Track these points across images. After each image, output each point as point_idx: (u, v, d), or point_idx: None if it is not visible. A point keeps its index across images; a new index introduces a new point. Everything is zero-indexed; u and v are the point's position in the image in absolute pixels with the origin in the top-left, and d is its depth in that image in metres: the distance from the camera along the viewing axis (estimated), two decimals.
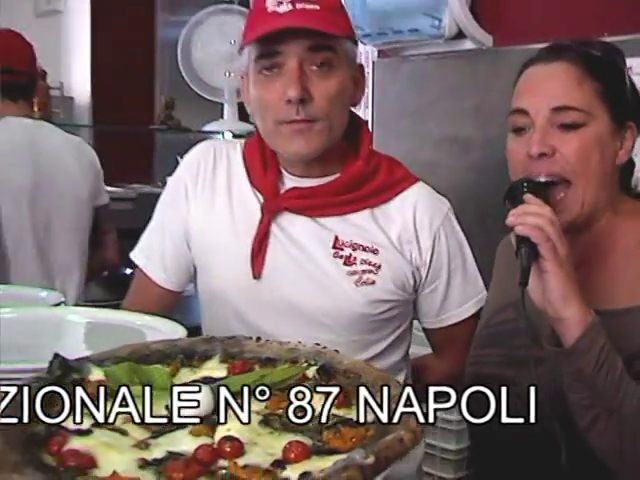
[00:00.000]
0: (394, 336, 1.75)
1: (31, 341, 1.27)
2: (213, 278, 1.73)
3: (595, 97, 1.46)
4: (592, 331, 1.32)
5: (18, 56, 3.07)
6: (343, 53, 1.64)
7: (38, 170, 2.95)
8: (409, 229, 1.71)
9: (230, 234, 1.72)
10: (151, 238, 1.82)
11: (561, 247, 1.33)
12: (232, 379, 0.99)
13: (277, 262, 1.68)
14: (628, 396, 1.32)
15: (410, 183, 1.75)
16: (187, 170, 1.79)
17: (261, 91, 1.64)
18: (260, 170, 1.73)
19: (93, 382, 0.98)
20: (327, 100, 1.60)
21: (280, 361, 1.05)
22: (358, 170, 1.71)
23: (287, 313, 1.66)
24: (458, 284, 1.77)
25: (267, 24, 1.58)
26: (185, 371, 1.05)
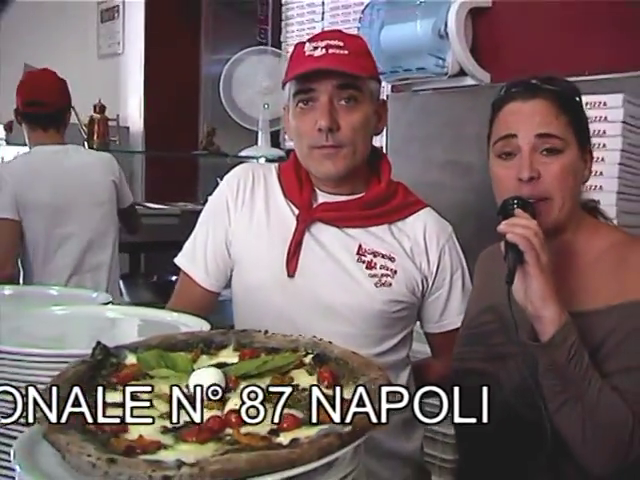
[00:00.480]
0: (403, 334, 1.80)
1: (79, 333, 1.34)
2: (252, 277, 1.78)
3: (568, 128, 1.50)
4: (565, 329, 1.36)
5: (48, 90, 3.22)
6: (367, 91, 1.72)
7: (57, 187, 3.08)
8: (420, 243, 1.78)
9: (267, 239, 1.78)
10: (195, 245, 1.87)
11: (543, 255, 1.38)
12: (241, 364, 1.05)
13: (309, 264, 1.74)
14: (591, 386, 1.36)
15: (422, 207, 1.83)
16: (228, 186, 1.86)
17: (298, 121, 1.73)
18: (296, 187, 1.80)
19: (128, 365, 1.05)
20: (352, 130, 1.69)
21: (283, 350, 1.10)
22: (380, 191, 1.79)
23: (316, 307, 1.71)
24: (458, 294, 1.83)
25: (304, 65, 1.68)
26: (204, 358, 1.10)
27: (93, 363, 1.03)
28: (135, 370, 1.03)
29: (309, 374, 1.03)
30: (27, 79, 3.33)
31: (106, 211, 3.24)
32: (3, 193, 3.06)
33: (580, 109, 1.57)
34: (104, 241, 3.22)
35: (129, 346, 1.09)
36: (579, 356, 1.36)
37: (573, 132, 1.51)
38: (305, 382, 1.01)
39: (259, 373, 1.03)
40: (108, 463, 0.78)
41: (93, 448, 0.80)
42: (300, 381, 1.02)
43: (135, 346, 1.09)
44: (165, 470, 0.77)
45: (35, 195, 3.07)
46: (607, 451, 1.37)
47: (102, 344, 1.06)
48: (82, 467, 0.80)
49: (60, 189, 3.12)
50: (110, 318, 1.45)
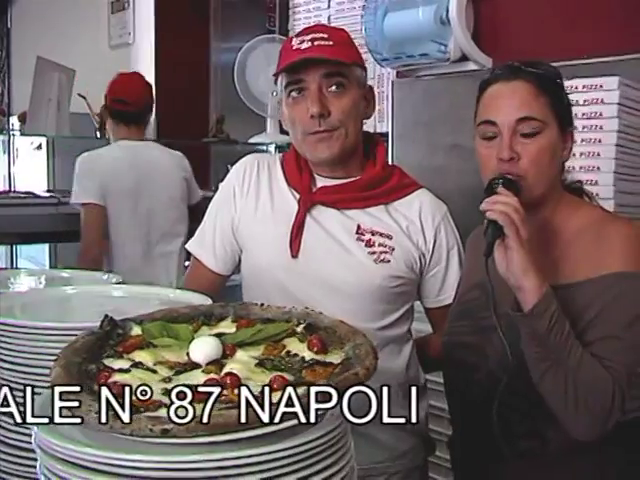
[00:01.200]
0: (403, 310, 1.87)
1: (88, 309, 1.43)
2: (258, 258, 1.87)
3: (547, 109, 1.56)
4: (546, 299, 1.43)
5: (132, 91, 3.57)
6: (353, 77, 1.80)
7: (139, 178, 3.38)
8: (416, 222, 1.85)
9: (272, 223, 1.86)
10: (204, 231, 1.97)
11: (523, 230, 1.44)
12: (238, 333, 1.14)
13: (311, 244, 1.81)
14: (572, 353, 1.43)
15: (417, 187, 1.91)
16: (236, 176, 1.94)
17: (291, 110, 1.81)
18: (296, 173, 1.88)
19: (134, 335, 1.14)
20: (342, 113, 1.77)
21: (277, 320, 1.19)
22: (376, 173, 1.87)
23: (319, 285, 1.78)
24: (454, 270, 1.89)
25: (292, 58, 1.77)
26: (205, 329, 1.19)
27: (101, 334, 1.12)
28: (140, 340, 1.12)
29: (300, 341, 1.12)
30: (117, 79, 3.66)
31: (177, 204, 3.51)
32: (91, 180, 3.38)
33: (561, 91, 1.63)
34: (175, 231, 3.46)
35: (134, 319, 1.18)
36: (560, 325, 1.43)
37: (553, 113, 1.57)
38: (296, 349, 1.10)
39: (254, 341, 1.11)
40: (113, 418, 0.87)
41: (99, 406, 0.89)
42: (292, 347, 1.10)
43: (140, 319, 1.18)
44: (164, 424, 0.86)
45: (119, 184, 3.37)
46: (589, 416, 1.45)
47: (109, 316, 1.15)
48: (90, 423, 0.89)
49: (141, 180, 3.41)
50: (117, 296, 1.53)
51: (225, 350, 1.08)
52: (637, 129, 2.58)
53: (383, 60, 3.56)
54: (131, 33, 5.63)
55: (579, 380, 1.43)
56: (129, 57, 5.56)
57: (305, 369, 1.03)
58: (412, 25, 3.34)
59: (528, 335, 1.46)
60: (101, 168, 3.40)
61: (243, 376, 1.00)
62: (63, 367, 0.99)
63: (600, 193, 2.45)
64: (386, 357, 1.80)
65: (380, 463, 1.84)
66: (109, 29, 5.83)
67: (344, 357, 1.05)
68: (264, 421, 0.87)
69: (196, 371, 1.03)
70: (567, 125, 1.62)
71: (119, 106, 3.54)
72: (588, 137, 2.54)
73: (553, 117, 1.57)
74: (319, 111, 1.75)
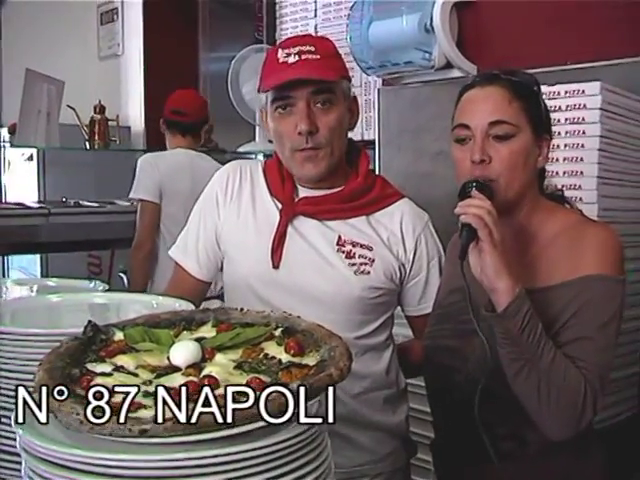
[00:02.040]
0: (382, 319, 1.89)
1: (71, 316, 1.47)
2: (238, 268, 1.88)
3: (521, 114, 1.59)
4: (518, 299, 1.46)
5: (189, 104, 3.94)
6: (340, 91, 1.82)
7: (194, 184, 3.48)
8: (396, 233, 1.87)
9: (254, 233, 1.87)
10: (187, 238, 1.98)
11: (496, 232, 1.48)
12: (217, 336, 1.17)
13: (292, 255, 1.83)
14: (545, 353, 1.46)
15: (398, 198, 1.92)
16: (218, 182, 1.96)
17: (277, 125, 1.81)
18: (279, 183, 1.89)
19: (116, 340, 1.17)
20: (329, 130, 1.78)
21: (256, 324, 1.22)
22: (358, 185, 1.88)
23: (299, 295, 1.80)
24: (435, 279, 1.91)
25: (280, 75, 1.77)
26: (185, 333, 1.21)
27: (84, 339, 1.15)
28: (122, 345, 1.15)
29: (278, 345, 1.15)
30: (176, 93, 4.02)
31: None
32: (149, 179, 3.73)
33: (537, 98, 1.67)
34: None
35: (117, 324, 1.21)
36: (532, 325, 1.46)
37: (527, 119, 1.60)
38: (274, 352, 1.13)
39: (233, 344, 1.15)
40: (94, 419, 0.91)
41: (81, 408, 0.93)
42: (270, 351, 1.13)
43: (122, 324, 1.21)
44: (142, 424, 0.90)
45: (176, 186, 3.70)
46: (561, 415, 1.48)
47: (92, 322, 1.18)
48: (72, 424, 0.92)
49: (195, 185, 3.54)
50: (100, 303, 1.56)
51: (205, 354, 1.11)
52: (619, 134, 2.61)
53: (369, 68, 3.59)
54: (120, 44, 5.67)
55: (551, 380, 1.46)
56: (118, 68, 5.61)
57: (281, 371, 1.06)
58: (397, 33, 3.38)
59: (501, 335, 1.49)
60: (161, 168, 3.71)
61: (221, 378, 1.03)
62: (47, 371, 1.02)
63: (584, 197, 2.49)
64: (365, 363, 1.83)
65: (361, 466, 1.86)
66: (98, 40, 5.87)
67: (319, 359, 1.08)
68: (181, 420, 0.90)
69: (176, 374, 1.06)
70: (543, 131, 1.65)
71: (177, 117, 3.89)
72: (571, 142, 2.57)
73: (527, 122, 1.61)
74: (308, 128, 1.75)
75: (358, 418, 1.85)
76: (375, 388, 1.88)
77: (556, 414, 1.48)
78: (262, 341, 1.16)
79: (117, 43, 5.69)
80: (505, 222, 1.55)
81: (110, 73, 5.59)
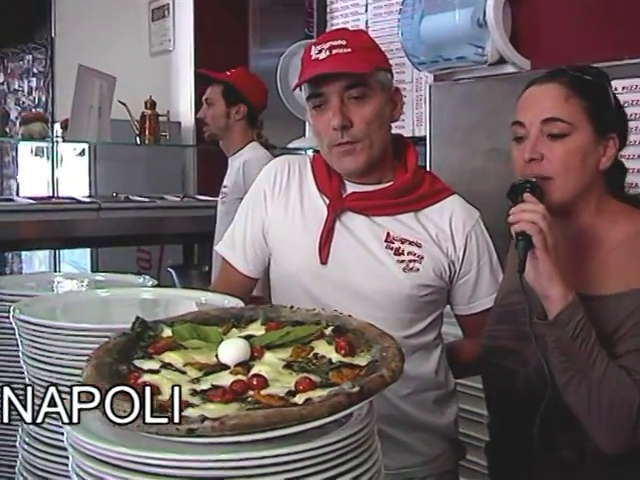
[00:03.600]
0: (432, 317, 1.86)
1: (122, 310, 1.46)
2: (287, 264, 1.88)
3: (580, 112, 1.54)
4: (571, 307, 1.42)
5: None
6: (376, 83, 1.79)
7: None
8: (446, 230, 1.84)
9: (302, 228, 1.86)
10: (234, 233, 1.97)
11: (550, 237, 1.43)
12: (266, 335, 1.15)
13: (340, 251, 1.81)
14: (597, 363, 1.41)
15: (448, 194, 1.89)
16: (266, 178, 1.94)
17: (315, 121, 1.82)
18: (326, 178, 1.88)
19: (164, 337, 1.16)
20: (365, 124, 1.76)
21: (306, 323, 1.20)
22: (407, 180, 1.85)
23: (347, 293, 1.78)
24: (486, 277, 1.88)
25: (311, 70, 1.77)
26: (234, 331, 1.20)
27: (132, 335, 1.14)
28: (170, 341, 1.14)
29: (328, 344, 1.13)
30: (263, 84, 3.92)
31: None
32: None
33: (603, 95, 1.60)
34: None
35: (165, 320, 1.20)
36: (585, 334, 1.42)
37: (587, 117, 1.55)
38: (324, 351, 1.11)
39: (282, 343, 1.13)
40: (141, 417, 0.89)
41: (129, 406, 0.91)
42: (320, 350, 1.11)
43: (171, 320, 1.20)
44: (190, 424, 0.88)
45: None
46: (613, 427, 1.43)
47: (141, 318, 1.17)
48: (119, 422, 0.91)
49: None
50: (149, 299, 1.56)
51: (253, 352, 1.09)
52: None
53: (420, 64, 3.57)
54: (171, 40, 5.72)
55: (603, 391, 1.42)
56: (169, 64, 5.66)
57: (332, 371, 1.04)
58: (449, 28, 3.34)
59: (552, 343, 1.46)
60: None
61: (270, 378, 1.01)
62: (95, 367, 1.02)
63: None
64: (414, 363, 1.81)
65: (410, 468, 1.83)
66: (150, 36, 5.93)
67: (371, 359, 1.06)
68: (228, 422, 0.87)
69: (224, 372, 1.04)
70: (608, 130, 1.58)
71: (260, 111, 3.85)
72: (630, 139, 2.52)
73: (587, 121, 1.55)
74: (340, 124, 1.75)
75: (407, 419, 1.83)
76: (424, 389, 1.85)
77: (608, 426, 1.43)
78: (312, 340, 1.14)
79: (168, 39, 5.74)
80: (562, 225, 1.51)
81: (161, 69, 5.64)
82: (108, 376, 1.00)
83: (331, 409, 0.91)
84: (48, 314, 1.35)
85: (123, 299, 1.55)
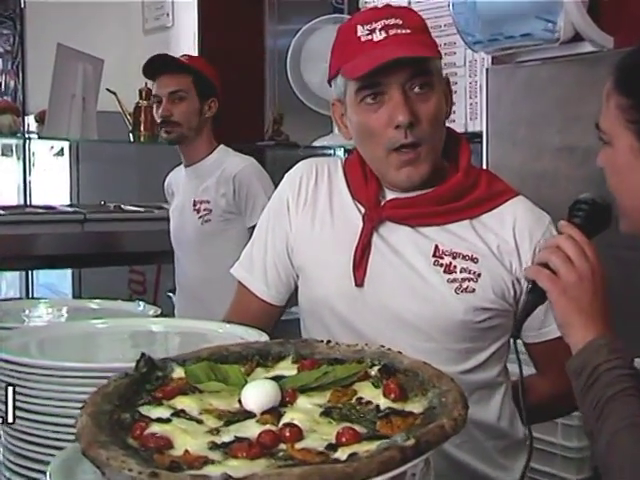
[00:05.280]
0: (494, 347, 1.85)
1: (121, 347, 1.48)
2: (316, 287, 1.88)
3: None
4: (585, 352, 1.40)
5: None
6: (437, 72, 1.81)
7: None
8: (509, 241, 1.83)
9: (332, 244, 1.87)
10: (253, 252, 1.98)
11: (565, 272, 1.43)
12: (299, 375, 1.17)
13: (378, 270, 1.81)
14: (603, 430, 1.35)
15: (510, 196, 1.88)
16: (289, 186, 1.96)
17: (366, 119, 1.78)
18: (361, 183, 1.88)
19: (176, 379, 1.17)
20: (430, 122, 1.76)
21: (347, 361, 1.21)
22: (458, 182, 1.84)
23: (388, 320, 1.79)
24: None
25: (366, 56, 1.74)
26: (260, 370, 1.21)
27: (137, 377, 1.15)
28: (183, 384, 1.15)
29: (374, 387, 1.14)
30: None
31: None
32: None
33: None
34: None
35: (177, 358, 1.22)
36: (600, 387, 1.37)
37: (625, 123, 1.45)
38: (369, 395, 1.12)
39: (319, 385, 1.14)
40: (150, 477, 0.90)
41: (135, 462, 0.92)
42: (364, 394, 1.13)
43: (183, 358, 1.22)
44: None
45: None
46: None
47: (147, 356, 1.18)
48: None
49: None
50: (155, 331, 1.57)
51: (284, 396, 1.10)
52: None
53: (476, 43, 3.56)
54: (170, 14, 5.72)
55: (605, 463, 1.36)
56: (168, 44, 5.63)
57: (380, 420, 1.05)
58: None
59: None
60: None
61: (305, 428, 1.02)
62: (91, 416, 1.03)
63: None
64: (473, 405, 1.79)
65: None
66: (143, 10, 5.94)
67: (427, 406, 1.07)
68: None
69: (249, 421, 1.06)
70: None
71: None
72: None
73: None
74: (408, 120, 1.73)
75: (463, 471, 1.82)
76: (484, 436, 1.84)
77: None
78: (355, 382, 1.16)
79: (166, 13, 5.75)
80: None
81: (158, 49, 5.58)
82: (108, 426, 1.02)
83: (381, 466, 0.92)
84: (22, 350, 1.36)
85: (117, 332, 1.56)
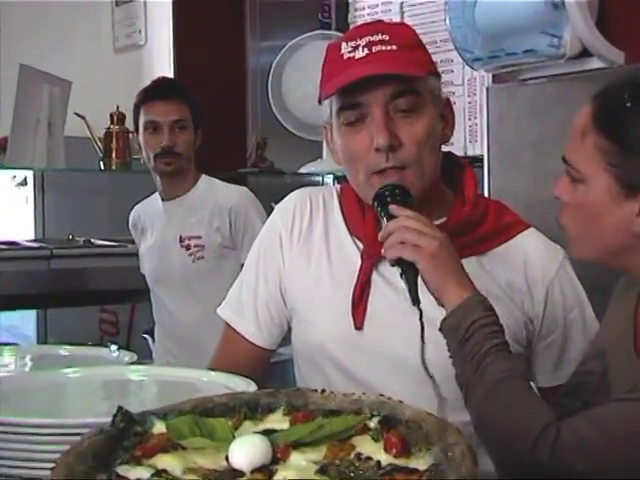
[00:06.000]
0: None
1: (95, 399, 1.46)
2: (312, 330, 1.88)
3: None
4: (462, 309, 1.56)
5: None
6: (427, 92, 1.80)
7: None
8: (520, 278, 1.85)
9: (329, 284, 1.88)
10: (242, 291, 1.98)
11: (425, 242, 1.58)
12: (292, 429, 1.16)
13: (379, 311, 1.82)
14: (481, 381, 1.51)
15: (521, 229, 1.90)
16: (282, 219, 1.96)
17: (348, 142, 1.80)
18: (359, 217, 1.89)
19: (156, 435, 1.16)
20: (416, 145, 1.76)
21: (344, 412, 1.20)
22: (465, 215, 1.85)
23: (391, 366, 1.79)
24: (576, 338, 1.87)
25: (345, 74, 1.75)
26: (248, 424, 1.20)
27: (113, 433, 1.14)
28: (164, 440, 1.14)
29: (374, 441, 1.13)
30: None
31: None
32: None
33: None
34: None
35: (157, 412, 1.20)
36: (477, 339, 1.53)
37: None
38: (369, 450, 1.11)
39: (314, 440, 1.13)
40: None
41: None
42: (363, 449, 1.12)
43: (164, 412, 1.21)
44: None
45: None
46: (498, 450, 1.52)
47: (124, 409, 1.17)
48: None
49: None
50: (132, 381, 1.56)
51: (276, 453, 1.10)
52: None
53: (475, 60, 3.57)
54: (142, 31, 5.71)
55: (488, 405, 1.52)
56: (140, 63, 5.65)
57: (382, 478, 1.04)
58: (514, 11, 3.33)
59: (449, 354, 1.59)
60: None
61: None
62: (63, 478, 1.02)
63: None
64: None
65: None
66: (113, 27, 5.91)
67: (432, 462, 1.06)
68: None
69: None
70: None
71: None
72: None
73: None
74: (387, 142, 1.73)
75: None
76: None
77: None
78: (353, 435, 1.15)
79: (138, 30, 5.72)
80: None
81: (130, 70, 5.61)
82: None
83: None
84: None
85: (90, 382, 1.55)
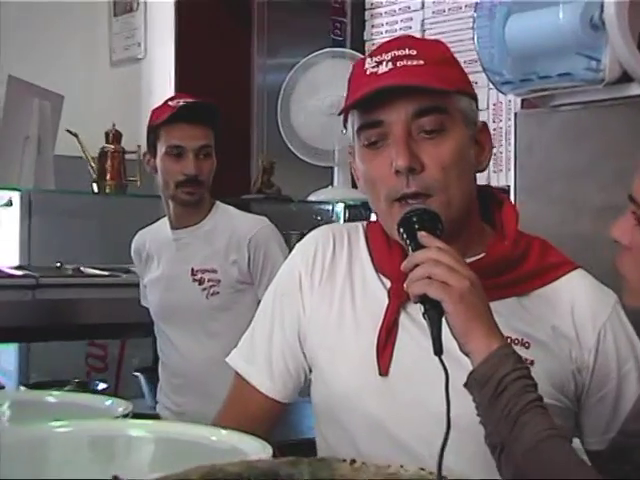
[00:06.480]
0: None
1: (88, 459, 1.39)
2: (333, 381, 1.85)
3: None
4: (491, 361, 1.52)
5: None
6: (457, 112, 1.77)
7: None
8: (567, 324, 1.81)
9: (353, 327, 1.85)
10: (255, 337, 1.96)
11: (455, 280, 1.53)
12: None
13: (407, 356, 1.79)
14: (519, 440, 1.47)
15: (568, 270, 1.86)
16: (302, 259, 1.94)
17: (368, 165, 1.79)
18: (385, 252, 1.86)
19: None
20: (441, 169, 1.72)
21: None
22: (505, 252, 1.82)
23: (423, 417, 1.74)
24: (632, 392, 1.82)
25: (365, 88, 1.72)
26: None
27: None
28: None
29: None
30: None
31: None
32: None
33: None
34: None
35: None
36: (512, 393, 1.50)
37: None
38: None
39: None
40: None
41: None
42: None
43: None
44: None
45: None
46: None
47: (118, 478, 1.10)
48: None
49: None
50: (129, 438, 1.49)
51: None
52: None
53: (505, 84, 3.57)
54: (141, 44, 5.76)
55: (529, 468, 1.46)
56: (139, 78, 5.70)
57: None
58: (548, 31, 3.31)
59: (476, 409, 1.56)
60: None
61: None
62: None
63: None
64: None
65: None
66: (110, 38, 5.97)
67: None
68: None
69: None
70: None
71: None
72: None
73: None
74: (407, 164, 1.70)
75: None
76: None
77: None
78: None
79: (137, 42, 5.78)
80: None
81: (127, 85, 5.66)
82: None
83: None
84: None
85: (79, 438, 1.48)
